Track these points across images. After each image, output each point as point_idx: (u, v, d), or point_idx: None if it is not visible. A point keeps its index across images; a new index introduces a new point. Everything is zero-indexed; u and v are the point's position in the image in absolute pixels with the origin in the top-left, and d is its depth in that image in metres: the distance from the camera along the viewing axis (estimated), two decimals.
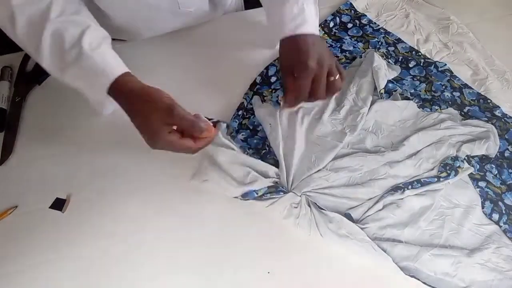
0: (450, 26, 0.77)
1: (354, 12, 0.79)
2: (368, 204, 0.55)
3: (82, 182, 0.58)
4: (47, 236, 0.53)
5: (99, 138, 0.62)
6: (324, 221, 0.52)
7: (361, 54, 0.71)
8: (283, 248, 0.53)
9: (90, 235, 0.53)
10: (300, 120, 0.61)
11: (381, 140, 0.61)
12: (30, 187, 0.57)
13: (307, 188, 0.54)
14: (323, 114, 0.61)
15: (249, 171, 0.55)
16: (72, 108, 0.65)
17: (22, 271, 0.51)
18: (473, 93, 0.67)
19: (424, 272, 0.50)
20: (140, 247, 0.53)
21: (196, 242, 0.53)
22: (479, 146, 0.59)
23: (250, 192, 0.54)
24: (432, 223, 0.54)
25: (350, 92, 0.64)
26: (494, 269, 0.50)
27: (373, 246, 0.50)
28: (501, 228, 0.54)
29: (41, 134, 0.63)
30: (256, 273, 0.51)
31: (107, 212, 0.55)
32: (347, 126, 0.61)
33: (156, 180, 0.58)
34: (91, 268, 0.51)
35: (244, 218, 0.55)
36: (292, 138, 0.59)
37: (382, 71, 0.65)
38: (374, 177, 0.57)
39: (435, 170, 0.58)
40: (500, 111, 0.65)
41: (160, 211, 0.55)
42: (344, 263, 0.51)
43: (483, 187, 0.57)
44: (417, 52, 0.73)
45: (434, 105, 0.65)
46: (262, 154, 0.60)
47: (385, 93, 0.65)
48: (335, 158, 0.58)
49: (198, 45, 0.73)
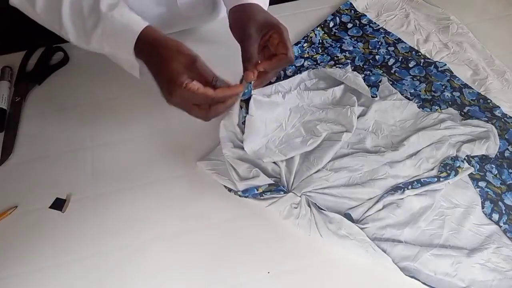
0: (450, 26, 0.77)
1: (354, 12, 0.79)
2: (368, 204, 0.55)
3: (82, 182, 0.58)
4: (47, 236, 0.53)
5: (99, 138, 0.62)
6: (324, 222, 0.52)
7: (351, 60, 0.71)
8: (283, 248, 0.53)
9: (90, 235, 0.53)
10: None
11: (381, 140, 0.61)
12: (30, 187, 0.57)
13: (307, 188, 0.54)
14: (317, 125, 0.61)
15: (252, 167, 0.55)
16: (72, 108, 0.66)
17: (22, 271, 0.51)
18: (473, 93, 0.67)
19: (424, 272, 0.50)
20: (140, 247, 0.53)
21: (196, 242, 0.53)
22: (479, 146, 0.59)
23: (251, 188, 0.54)
24: (432, 223, 0.54)
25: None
26: (494, 269, 0.50)
27: (372, 247, 0.50)
28: (501, 228, 0.54)
29: (41, 134, 0.63)
30: (256, 273, 0.51)
31: (107, 212, 0.55)
32: (341, 125, 0.61)
33: (157, 181, 0.58)
34: (91, 268, 0.51)
35: (244, 218, 0.55)
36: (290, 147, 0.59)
37: (357, 78, 0.64)
38: (374, 177, 0.57)
39: (435, 170, 0.58)
40: (500, 111, 0.65)
41: (160, 212, 0.55)
42: (343, 264, 0.51)
43: (483, 187, 0.57)
44: (417, 52, 0.73)
45: (434, 105, 0.65)
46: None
47: (371, 87, 0.65)
48: (335, 158, 0.58)
49: (197, 45, 0.73)
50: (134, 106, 0.65)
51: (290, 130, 0.62)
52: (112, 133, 0.62)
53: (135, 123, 0.64)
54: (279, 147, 0.59)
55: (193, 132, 0.62)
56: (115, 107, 0.65)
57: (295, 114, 0.63)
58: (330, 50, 0.73)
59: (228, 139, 0.58)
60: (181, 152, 0.61)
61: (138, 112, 0.65)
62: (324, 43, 0.74)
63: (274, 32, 0.54)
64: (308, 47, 0.73)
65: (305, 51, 0.73)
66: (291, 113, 0.63)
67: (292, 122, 0.62)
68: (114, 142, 0.62)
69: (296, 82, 0.67)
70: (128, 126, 0.63)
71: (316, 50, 0.73)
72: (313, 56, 0.72)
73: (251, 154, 0.57)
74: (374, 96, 0.65)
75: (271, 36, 0.54)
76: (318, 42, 0.74)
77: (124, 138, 0.62)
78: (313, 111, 0.63)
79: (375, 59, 0.72)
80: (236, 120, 0.58)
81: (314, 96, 0.64)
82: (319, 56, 0.72)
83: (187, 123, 0.63)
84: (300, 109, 0.64)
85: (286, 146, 0.59)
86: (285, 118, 0.62)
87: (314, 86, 0.67)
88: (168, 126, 0.63)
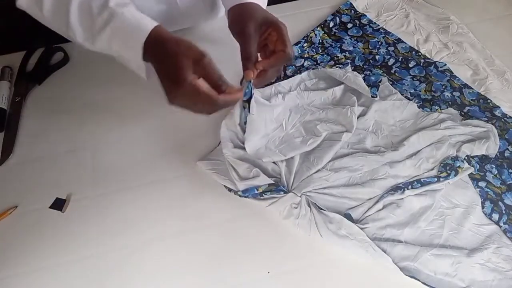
0: (450, 26, 0.77)
1: (354, 12, 0.79)
2: (368, 204, 0.55)
3: (82, 182, 0.58)
4: (47, 236, 0.53)
5: (99, 138, 0.62)
6: (324, 222, 0.52)
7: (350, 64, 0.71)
8: (283, 248, 0.53)
9: (90, 235, 0.53)
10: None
11: (381, 140, 0.61)
12: (30, 187, 0.57)
13: (307, 188, 0.54)
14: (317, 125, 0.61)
15: (252, 167, 0.55)
16: (72, 108, 0.65)
17: (22, 271, 0.51)
18: (473, 93, 0.67)
19: (424, 272, 0.50)
20: (140, 247, 0.53)
21: (196, 242, 0.53)
22: (479, 146, 0.59)
23: (251, 188, 0.54)
24: (432, 223, 0.54)
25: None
26: (494, 269, 0.50)
27: (372, 247, 0.50)
28: (501, 228, 0.54)
29: (41, 134, 0.63)
30: (256, 273, 0.51)
31: (107, 212, 0.55)
32: (341, 125, 0.61)
33: (157, 181, 0.58)
34: (91, 268, 0.51)
35: (244, 218, 0.55)
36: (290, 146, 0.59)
37: (357, 78, 0.64)
38: (374, 177, 0.57)
39: (435, 170, 0.58)
40: (500, 111, 0.65)
41: (160, 212, 0.55)
42: (343, 264, 0.51)
43: (483, 187, 0.57)
44: (417, 52, 0.73)
45: (434, 105, 0.65)
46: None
47: (371, 87, 0.65)
48: (335, 158, 0.58)
49: (197, 44, 0.73)
50: (134, 106, 0.65)
51: (290, 130, 0.62)
52: (112, 133, 0.62)
53: (135, 123, 0.64)
54: (279, 147, 0.59)
55: (193, 132, 0.62)
56: (115, 107, 0.65)
57: (295, 114, 0.63)
58: (330, 50, 0.73)
59: (228, 139, 0.58)
60: (181, 152, 0.61)
61: (138, 112, 0.65)
62: (324, 43, 0.74)
63: (273, 30, 0.54)
64: (308, 47, 0.73)
65: (305, 51, 0.73)
66: (291, 113, 0.63)
67: (292, 122, 0.62)
68: (114, 142, 0.62)
69: (296, 82, 0.67)
70: (128, 126, 0.63)
71: (316, 50, 0.73)
72: (313, 56, 0.72)
73: (252, 154, 0.57)
74: (374, 96, 0.65)
75: (270, 34, 0.55)
76: (318, 42, 0.74)
77: (124, 138, 0.62)
78: (313, 111, 0.63)
79: (375, 59, 0.72)
80: (237, 120, 0.59)
81: (314, 96, 0.64)
82: (319, 56, 0.72)
83: (187, 123, 0.63)
84: (300, 109, 0.64)
85: (286, 146, 0.59)
86: (285, 118, 0.63)
87: (314, 86, 0.67)
88: (168, 126, 0.63)
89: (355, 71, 0.67)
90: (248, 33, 0.53)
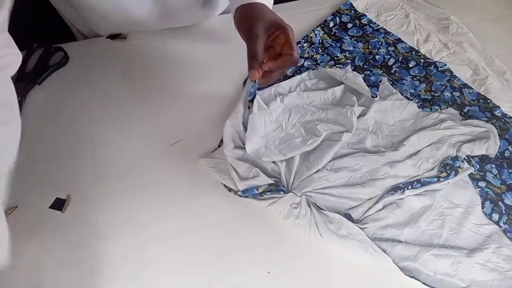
0: (450, 26, 0.77)
1: (354, 12, 0.79)
2: (368, 204, 0.55)
3: (82, 182, 0.58)
4: (47, 236, 0.53)
5: (99, 138, 0.62)
6: (324, 222, 0.52)
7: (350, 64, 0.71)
8: (283, 248, 0.53)
9: (90, 235, 0.53)
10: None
11: (381, 140, 0.61)
12: (30, 187, 0.57)
13: (307, 188, 0.54)
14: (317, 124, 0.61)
15: (252, 167, 0.55)
16: (72, 108, 0.65)
17: (22, 271, 0.51)
18: (473, 93, 0.67)
19: (424, 272, 0.50)
20: (140, 247, 0.52)
21: (196, 242, 0.53)
22: (479, 146, 0.59)
23: (251, 188, 0.54)
24: (432, 223, 0.54)
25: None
26: (494, 269, 0.50)
27: (372, 247, 0.50)
28: (501, 228, 0.54)
29: (41, 134, 0.63)
30: (256, 273, 0.51)
31: (107, 212, 0.55)
32: (341, 125, 0.61)
33: (157, 181, 0.58)
34: (91, 268, 0.51)
35: (244, 218, 0.55)
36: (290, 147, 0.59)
37: (357, 78, 0.64)
38: (374, 177, 0.57)
39: (435, 170, 0.58)
40: (500, 111, 0.65)
41: (160, 212, 0.55)
42: (343, 264, 0.51)
43: (483, 187, 0.57)
44: (417, 52, 0.73)
45: (434, 105, 0.65)
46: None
47: (371, 87, 0.65)
48: (335, 158, 0.58)
49: (197, 44, 0.73)
50: (134, 106, 0.65)
51: (290, 130, 0.62)
52: (112, 133, 0.62)
53: (135, 123, 0.64)
54: (279, 147, 0.59)
55: (193, 132, 0.62)
56: (115, 107, 0.65)
57: (295, 114, 0.63)
58: (330, 50, 0.73)
59: (231, 138, 0.58)
60: (181, 152, 0.61)
61: (138, 112, 0.65)
62: (324, 43, 0.74)
63: (281, 32, 0.54)
64: (308, 47, 0.73)
65: (305, 51, 0.73)
66: (291, 113, 0.63)
67: (292, 122, 0.62)
68: (114, 142, 0.62)
69: (296, 82, 0.67)
70: (128, 126, 0.63)
71: (316, 50, 0.73)
72: (313, 56, 0.72)
73: (252, 153, 0.57)
74: (374, 96, 0.65)
75: (278, 36, 0.55)
76: (318, 42, 0.74)
77: (124, 138, 0.62)
78: (313, 111, 0.63)
79: (375, 59, 0.72)
80: (241, 119, 0.59)
81: (314, 96, 0.64)
82: (319, 56, 0.72)
83: (187, 123, 0.63)
84: (300, 109, 0.64)
85: (286, 146, 0.59)
86: (285, 118, 0.63)
87: (314, 86, 0.67)
88: (168, 126, 0.63)
89: (355, 71, 0.67)
90: (256, 33, 0.53)
